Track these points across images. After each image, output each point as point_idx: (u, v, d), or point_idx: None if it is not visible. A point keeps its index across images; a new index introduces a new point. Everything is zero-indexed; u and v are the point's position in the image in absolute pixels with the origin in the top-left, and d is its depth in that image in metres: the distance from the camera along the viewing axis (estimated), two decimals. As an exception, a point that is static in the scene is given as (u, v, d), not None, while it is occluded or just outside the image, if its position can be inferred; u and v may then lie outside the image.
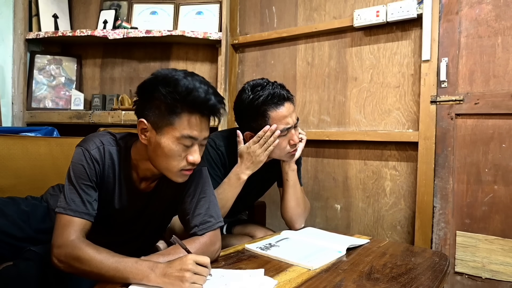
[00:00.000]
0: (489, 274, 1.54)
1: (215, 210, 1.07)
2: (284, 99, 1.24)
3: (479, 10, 1.58)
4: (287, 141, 1.27)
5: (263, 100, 1.22)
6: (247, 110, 1.26)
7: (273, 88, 1.24)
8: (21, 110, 2.31)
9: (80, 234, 0.89)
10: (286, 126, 1.24)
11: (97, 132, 1.03)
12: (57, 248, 0.87)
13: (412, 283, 0.91)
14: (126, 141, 1.02)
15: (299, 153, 1.35)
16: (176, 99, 0.88)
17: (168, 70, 0.93)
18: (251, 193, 1.48)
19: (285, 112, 1.23)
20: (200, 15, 2.34)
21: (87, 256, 0.84)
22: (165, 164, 0.94)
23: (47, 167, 1.45)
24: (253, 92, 1.25)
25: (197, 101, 0.89)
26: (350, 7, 1.92)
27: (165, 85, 0.89)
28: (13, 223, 1.03)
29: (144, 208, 1.08)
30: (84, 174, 0.94)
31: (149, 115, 0.92)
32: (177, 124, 0.90)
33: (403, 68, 1.79)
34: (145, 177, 1.04)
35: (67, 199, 0.91)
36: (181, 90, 0.88)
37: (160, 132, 0.91)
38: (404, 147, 1.79)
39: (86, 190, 0.94)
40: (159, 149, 0.92)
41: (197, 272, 0.82)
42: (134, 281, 0.82)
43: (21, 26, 2.29)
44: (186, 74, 0.92)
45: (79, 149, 0.96)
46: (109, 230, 1.07)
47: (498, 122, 1.54)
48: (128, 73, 2.44)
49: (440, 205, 1.64)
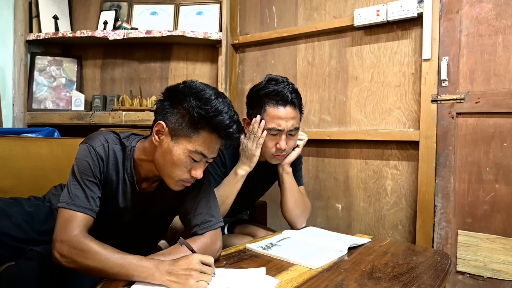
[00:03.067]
0: (490, 273, 1.54)
1: (216, 210, 1.08)
2: (286, 101, 1.23)
3: (480, 9, 1.58)
4: (274, 143, 1.26)
5: (267, 93, 1.23)
6: (252, 96, 1.30)
7: (283, 87, 1.24)
8: (22, 111, 2.31)
9: (83, 229, 0.89)
10: (277, 127, 1.23)
11: (101, 131, 1.03)
12: (60, 242, 0.86)
13: (414, 282, 0.91)
14: (130, 141, 1.03)
15: (294, 156, 1.34)
16: (202, 115, 0.90)
17: (202, 85, 0.95)
18: (251, 192, 1.48)
19: (281, 114, 1.23)
20: (200, 15, 2.34)
21: (92, 250, 0.83)
22: (169, 171, 0.95)
23: (48, 167, 1.45)
24: (266, 83, 1.27)
25: (221, 125, 0.91)
26: (350, 6, 1.92)
27: (196, 99, 0.90)
28: (16, 224, 1.03)
29: (146, 208, 1.08)
30: (89, 170, 0.94)
31: (170, 120, 0.93)
32: (194, 138, 0.92)
33: (404, 67, 1.79)
34: (146, 178, 1.04)
35: (71, 194, 0.91)
36: (210, 109, 0.90)
37: (175, 140, 0.93)
38: (405, 146, 1.79)
39: (90, 186, 0.94)
40: (168, 155, 0.93)
41: (203, 271, 0.82)
42: (139, 278, 0.82)
43: (21, 28, 2.30)
44: (218, 94, 0.94)
45: (84, 146, 0.97)
46: (112, 229, 1.07)
47: (499, 121, 1.53)
48: (128, 73, 2.45)
49: (441, 204, 1.64)
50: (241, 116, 2.31)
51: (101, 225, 0.98)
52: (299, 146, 1.35)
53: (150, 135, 0.99)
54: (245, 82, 2.30)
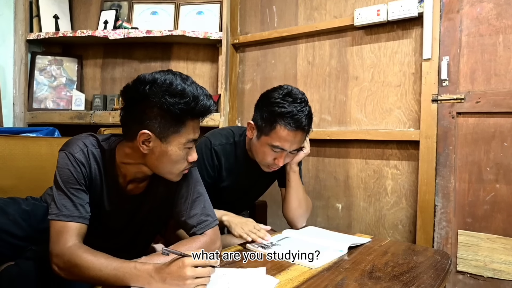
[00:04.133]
0: (491, 273, 1.54)
1: (211, 209, 1.08)
2: (298, 127, 1.20)
3: (480, 9, 1.57)
4: (273, 157, 1.25)
5: (282, 113, 1.18)
6: (264, 105, 1.24)
7: (299, 110, 1.19)
8: (22, 110, 2.31)
9: (76, 239, 0.88)
10: (281, 147, 1.21)
11: (79, 135, 1.00)
12: (55, 257, 0.86)
13: (414, 282, 0.91)
14: (110, 143, 1.00)
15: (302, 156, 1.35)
16: (184, 109, 0.88)
17: (165, 77, 0.89)
18: (250, 190, 1.49)
19: (289, 137, 1.20)
20: (201, 15, 2.34)
21: (85, 264, 0.83)
22: (169, 169, 0.95)
23: (48, 167, 1.44)
24: (282, 98, 1.21)
25: (203, 109, 0.91)
26: (350, 6, 1.92)
27: (171, 96, 0.87)
28: (14, 222, 1.03)
29: (136, 211, 1.07)
30: (72, 178, 0.92)
31: (152, 126, 0.89)
32: (183, 130, 0.91)
33: (404, 67, 1.79)
34: (133, 179, 1.02)
35: (58, 205, 0.90)
36: (189, 100, 0.88)
37: (165, 141, 0.91)
38: (405, 146, 1.79)
39: (76, 194, 0.92)
40: (165, 157, 0.93)
41: (197, 276, 0.80)
42: (136, 285, 0.82)
43: (22, 27, 2.30)
44: (183, 80, 0.91)
45: (63, 154, 0.94)
46: (104, 234, 1.06)
47: (500, 121, 1.53)
48: (129, 73, 2.45)
49: (441, 204, 1.64)
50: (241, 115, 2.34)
51: (93, 231, 0.96)
52: (306, 147, 1.35)
53: (128, 141, 0.95)
54: (245, 81, 2.30)
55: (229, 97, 2.25)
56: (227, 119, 2.22)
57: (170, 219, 1.18)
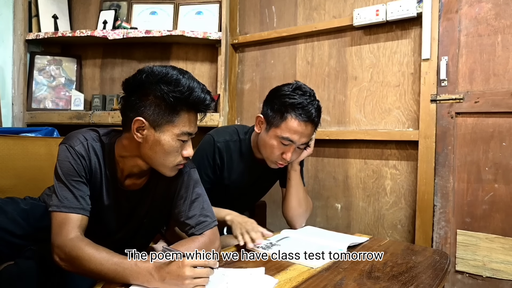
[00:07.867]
0: (489, 273, 1.54)
1: (210, 209, 1.08)
2: (308, 119, 1.21)
3: (479, 9, 1.58)
4: (281, 152, 1.25)
5: (293, 104, 1.20)
6: (275, 98, 1.26)
7: (309, 102, 1.21)
8: (21, 110, 2.31)
9: (78, 231, 0.89)
10: (290, 139, 1.22)
11: (80, 129, 1.01)
12: (57, 247, 0.87)
13: (413, 282, 0.91)
14: (110, 137, 1.01)
15: (305, 155, 1.36)
16: (178, 97, 0.89)
17: (163, 68, 0.93)
18: (251, 190, 1.48)
19: (299, 129, 1.21)
20: (200, 15, 2.34)
21: (87, 257, 0.83)
22: (162, 160, 0.95)
23: (47, 167, 1.45)
24: (292, 91, 1.24)
25: (198, 100, 0.92)
26: (349, 6, 1.92)
27: (166, 84, 0.90)
28: (13, 220, 1.03)
29: (134, 208, 1.07)
30: (72, 170, 0.93)
31: (146, 113, 0.91)
32: (177, 121, 0.92)
33: (403, 67, 1.79)
34: (130, 174, 1.02)
35: (59, 196, 0.91)
36: (183, 89, 0.89)
37: (159, 129, 0.92)
38: (404, 146, 1.79)
39: (76, 186, 0.93)
40: (157, 146, 0.93)
41: (196, 277, 0.80)
42: (135, 283, 0.82)
43: (21, 27, 2.29)
44: (181, 72, 0.93)
45: (63, 147, 0.95)
46: (102, 230, 1.06)
47: (498, 121, 1.53)
48: (128, 73, 2.43)
49: (440, 203, 1.64)
50: (240, 115, 2.34)
51: (92, 227, 0.97)
52: (310, 146, 1.35)
53: (125, 132, 0.97)
54: (245, 82, 2.30)
55: (228, 97, 2.25)
56: (226, 119, 2.22)
57: (170, 219, 1.18)
